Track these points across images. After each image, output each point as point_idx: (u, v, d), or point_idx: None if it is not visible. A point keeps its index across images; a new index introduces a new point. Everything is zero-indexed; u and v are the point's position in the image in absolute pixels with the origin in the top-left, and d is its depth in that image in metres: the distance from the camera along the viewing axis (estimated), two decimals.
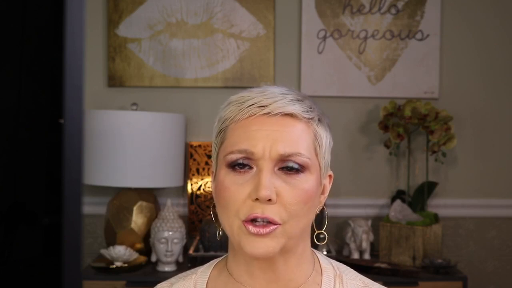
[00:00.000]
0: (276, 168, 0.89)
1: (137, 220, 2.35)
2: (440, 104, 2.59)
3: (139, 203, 2.37)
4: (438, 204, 2.59)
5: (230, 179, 0.90)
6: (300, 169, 0.90)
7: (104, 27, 2.59)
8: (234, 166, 0.90)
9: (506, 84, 2.65)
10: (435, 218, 2.42)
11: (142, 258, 2.27)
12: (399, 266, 2.26)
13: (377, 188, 2.62)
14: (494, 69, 2.64)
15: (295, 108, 0.92)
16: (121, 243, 2.30)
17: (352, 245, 2.42)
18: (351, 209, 2.59)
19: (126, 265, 2.20)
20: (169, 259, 2.22)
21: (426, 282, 2.19)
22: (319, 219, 0.98)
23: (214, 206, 0.97)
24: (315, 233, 0.97)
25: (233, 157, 0.90)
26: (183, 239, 2.27)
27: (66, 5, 0.61)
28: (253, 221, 0.87)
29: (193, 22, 2.59)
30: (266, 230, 0.87)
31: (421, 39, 2.61)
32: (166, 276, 1.09)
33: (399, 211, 2.39)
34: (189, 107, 2.59)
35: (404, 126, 2.42)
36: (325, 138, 0.95)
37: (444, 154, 2.44)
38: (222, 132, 0.94)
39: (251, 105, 0.91)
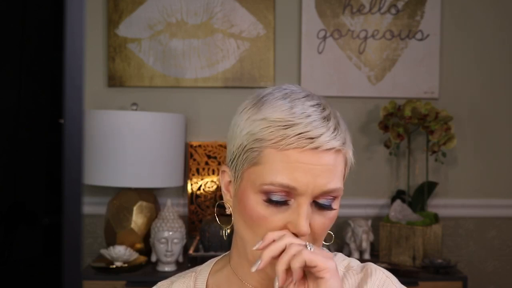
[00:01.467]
0: (311, 201, 0.87)
1: (137, 220, 2.35)
2: (440, 104, 2.59)
3: (139, 203, 2.37)
4: (438, 204, 2.59)
5: (265, 209, 0.87)
6: (331, 204, 0.89)
7: (104, 27, 2.59)
8: (271, 200, 0.86)
9: (506, 84, 2.65)
10: (435, 218, 2.42)
11: (142, 258, 2.27)
12: (399, 266, 2.26)
13: (377, 188, 2.62)
14: (494, 69, 2.64)
15: (339, 143, 0.89)
16: (121, 243, 2.30)
17: (352, 245, 2.42)
18: (351, 209, 2.59)
19: (126, 265, 2.20)
20: (169, 259, 2.22)
21: (426, 282, 2.19)
22: None
23: (218, 206, 0.96)
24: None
25: (272, 189, 0.85)
26: (183, 239, 2.27)
27: (66, 5, 0.61)
28: None
29: (193, 22, 2.59)
30: None
31: (421, 39, 2.61)
32: (166, 276, 1.10)
33: (399, 211, 2.40)
34: (189, 107, 2.59)
35: (404, 126, 2.42)
36: (352, 160, 0.95)
37: (444, 154, 2.44)
38: (255, 151, 0.87)
39: (298, 135, 0.85)
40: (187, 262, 2.24)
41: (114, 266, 2.19)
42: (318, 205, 0.88)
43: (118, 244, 2.28)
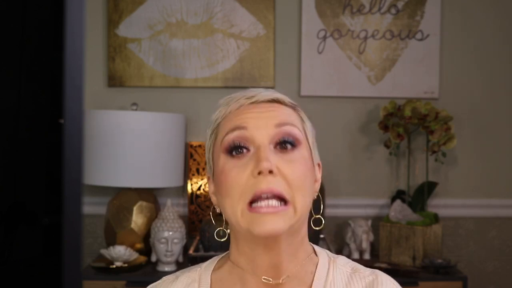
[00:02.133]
0: (271, 146, 0.92)
1: (137, 220, 2.35)
2: (440, 104, 2.59)
3: (139, 203, 2.37)
4: (438, 204, 2.59)
5: (229, 164, 0.92)
6: (294, 143, 0.93)
7: (104, 27, 2.59)
8: (231, 151, 0.92)
9: (506, 84, 2.65)
10: (435, 218, 2.42)
11: (142, 258, 2.27)
12: (399, 266, 2.26)
13: (377, 188, 2.62)
14: (494, 69, 2.64)
15: (280, 95, 0.98)
16: (121, 243, 2.30)
17: (352, 245, 2.42)
18: (351, 209, 2.59)
19: (126, 265, 2.20)
20: (169, 259, 2.22)
21: (426, 282, 2.19)
22: (317, 205, 0.99)
23: (214, 209, 0.99)
24: (312, 218, 0.99)
25: (229, 137, 0.93)
26: (183, 239, 2.27)
27: (66, 5, 0.61)
28: (258, 201, 0.88)
29: (193, 22, 2.59)
30: (277, 208, 0.88)
31: (421, 39, 2.61)
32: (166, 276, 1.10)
33: (399, 211, 2.40)
34: (189, 107, 2.59)
35: (404, 126, 2.42)
36: (310, 126, 1.00)
37: (444, 154, 2.44)
38: (214, 131, 0.98)
39: (238, 99, 0.96)
40: (187, 262, 2.24)
41: (114, 266, 2.19)
42: (279, 145, 0.92)
43: (118, 244, 2.28)
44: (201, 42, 2.59)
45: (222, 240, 1.03)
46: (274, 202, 0.88)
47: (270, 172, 0.88)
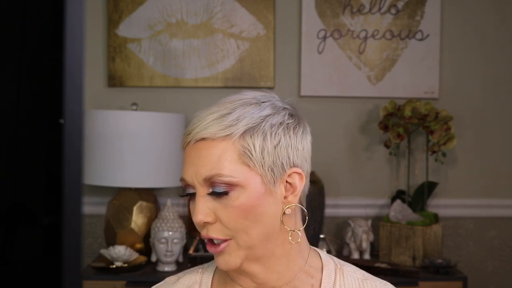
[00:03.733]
0: (207, 193, 0.94)
1: (137, 220, 2.35)
2: (440, 104, 2.59)
3: (139, 203, 2.37)
4: (438, 204, 2.59)
5: (190, 206, 0.97)
6: (226, 190, 0.92)
7: (104, 27, 2.59)
8: (186, 194, 0.97)
9: (506, 84, 2.65)
10: (435, 218, 2.42)
11: (142, 258, 2.27)
12: (399, 266, 2.26)
13: (377, 188, 2.62)
14: (494, 69, 2.64)
15: (208, 132, 0.94)
16: (121, 243, 2.30)
17: (352, 245, 2.42)
18: (351, 209, 2.59)
19: (126, 265, 2.20)
20: (169, 259, 2.22)
21: (426, 282, 2.19)
22: (298, 217, 0.98)
23: None
24: (290, 233, 0.96)
25: (182, 184, 0.98)
26: (183, 239, 2.27)
27: (66, 5, 0.61)
28: (210, 240, 0.94)
29: (193, 22, 2.59)
30: (219, 248, 0.93)
31: (421, 39, 2.60)
32: (166, 276, 1.10)
33: (399, 211, 2.40)
34: (189, 107, 2.59)
35: (404, 126, 2.42)
36: (259, 145, 0.92)
37: (444, 154, 2.44)
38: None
39: (184, 134, 0.99)
40: (187, 262, 2.24)
41: (114, 266, 2.19)
42: (213, 194, 0.93)
43: (118, 244, 2.28)
44: (201, 42, 2.59)
45: None
46: (216, 242, 0.93)
47: (206, 222, 0.93)
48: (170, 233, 2.22)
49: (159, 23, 2.58)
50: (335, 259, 1.03)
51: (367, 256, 2.41)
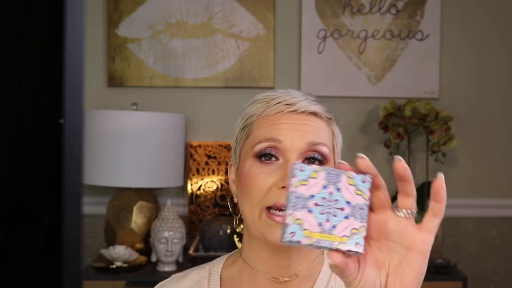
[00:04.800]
0: (300, 160, 0.92)
1: (137, 220, 2.35)
2: (440, 104, 2.59)
3: (139, 203, 2.37)
4: None
5: (256, 168, 0.93)
6: (322, 160, 0.94)
7: (104, 27, 2.59)
8: (261, 156, 0.93)
9: (506, 84, 2.65)
10: None
11: (142, 258, 2.27)
12: None
13: None
14: (494, 69, 2.64)
15: (318, 108, 0.97)
16: (121, 243, 2.30)
17: None
18: None
19: (126, 265, 2.20)
20: (169, 259, 2.22)
21: (426, 282, 2.17)
22: None
23: (232, 198, 1.02)
24: None
25: (261, 146, 0.93)
26: (183, 239, 2.27)
27: (66, 5, 0.61)
28: (276, 210, 0.90)
29: (193, 22, 2.59)
30: None
31: (421, 39, 2.61)
32: (166, 276, 1.10)
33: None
34: (189, 107, 2.59)
35: (404, 126, 2.42)
36: (341, 139, 1.01)
37: (444, 154, 2.44)
38: (247, 127, 0.98)
39: (278, 103, 0.95)
40: (187, 262, 2.24)
41: (114, 266, 2.19)
42: (307, 159, 0.93)
43: (118, 244, 2.28)
44: (201, 42, 2.59)
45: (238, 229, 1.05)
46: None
47: None
48: (170, 233, 2.22)
49: (159, 23, 2.58)
50: None
51: None
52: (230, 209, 1.03)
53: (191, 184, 2.56)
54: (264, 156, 0.93)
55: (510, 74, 2.65)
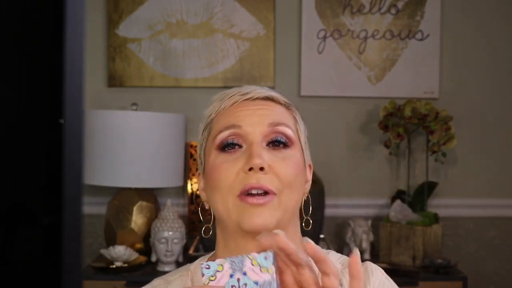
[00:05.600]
0: (264, 144, 0.92)
1: (137, 220, 2.35)
2: (440, 104, 2.59)
3: (139, 203, 2.37)
4: (438, 204, 2.59)
5: (220, 159, 0.92)
6: (287, 143, 0.93)
7: (104, 27, 2.59)
8: (224, 147, 0.92)
9: (506, 84, 2.65)
10: (435, 218, 2.42)
11: (142, 258, 2.27)
12: (399, 266, 2.26)
13: (377, 188, 2.62)
14: (494, 69, 2.64)
15: (275, 94, 0.97)
16: (121, 243, 2.30)
17: (352, 245, 2.42)
18: (351, 209, 2.59)
19: (126, 265, 2.20)
20: (169, 259, 2.22)
21: (426, 282, 2.19)
22: (306, 206, 1.00)
23: (202, 206, 0.99)
24: (304, 219, 0.99)
25: (222, 135, 0.92)
26: (183, 239, 2.27)
27: (66, 5, 0.61)
28: (248, 194, 0.89)
29: (193, 22, 2.59)
30: (263, 200, 0.88)
31: (421, 39, 2.60)
32: None
33: (399, 211, 2.40)
34: (189, 107, 2.59)
35: (404, 126, 2.42)
36: (304, 127, 0.99)
37: (444, 154, 2.44)
38: (207, 126, 0.98)
39: (233, 95, 0.96)
40: (187, 262, 2.24)
41: (114, 266, 2.19)
42: (272, 143, 0.92)
43: (118, 244, 2.28)
44: (201, 42, 2.59)
45: (207, 236, 1.02)
46: (256, 193, 0.89)
47: (261, 169, 0.89)
48: (170, 233, 2.22)
49: (159, 23, 2.58)
50: (321, 248, 1.03)
51: (367, 256, 2.41)
52: (201, 217, 1.02)
53: (191, 184, 2.56)
54: (227, 147, 0.92)
55: (510, 73, 2.65)
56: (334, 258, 1.01)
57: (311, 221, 0.98)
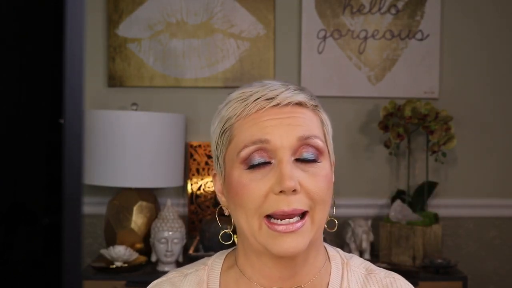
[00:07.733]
0: (293, 159, 0.86)
1: (137, 220, 2.35)
2: (440, 104, 2.59)
3: (139, 203, 2.37)
4: (438, 204, 2.59)
5: (247, 176, 0.85)
6: (316, 157, 0.87)
7: (104, 27, 2.59)
8: (250, 167, 0.86)
9: (506, 84, 2.65)
10: (435, 218, 2.42)
11: (142, 258, 2.27)
12: (399, 266, 2.26)
13: (377, 188, 2.62)
14: (494, 69, 2.64)
15: (302, 97, 0.89)
16: (121, 243, 2.30)
17: (352, 245, 2.42)
18: (351, 209, 2.59)
19: (126, 265, 2.20)
20: (169, 259, 2.22)
21: (426, 282, 2.19)
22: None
23: (220, 208, 0.95)
24: (327, 220, 0.94)
25: (248, 151, 0.85)
26: (183, 239, 2.27)
27: (66, 5, 0.61)
28: (277, 218, 0.84)
29: (193, 22, 2.59)
30: (294, 227, 0.84)
31: (421, 39, 2.61)
32: None
33: (399, 211, 2.40)
34: (189, 107, 2.59)
35: (404, 126, 2.42)
36: (330, 125, 0.94)
37: (444, 154, 2.44)
38: (227, 131, 0.90)
39: (257, 99, 0.87)
40: (187, 262, 2.24)
41: (114, 266, 2.19)
42: (301, 160, 0.86)
43: (118, 244, 2.28)
44: (201, 42, 2.59)
45: (227, 243, 0.99)
46: (293, 219, 0.84)
47: (294, 191, 0.83)
48: (170, 233, 2.22)
49: (159, 23, 2.58)
50: (340, 251, 0.99)
51: (367, 256, 2.41)
52: (218, 222, 0.98)
53: (191, 184, 2.56)
54: (255, 164, 0.85)
55: (510, 73, 2.65)
56: (357, 262, 0.97)
57: (336, 222, 0.95)
